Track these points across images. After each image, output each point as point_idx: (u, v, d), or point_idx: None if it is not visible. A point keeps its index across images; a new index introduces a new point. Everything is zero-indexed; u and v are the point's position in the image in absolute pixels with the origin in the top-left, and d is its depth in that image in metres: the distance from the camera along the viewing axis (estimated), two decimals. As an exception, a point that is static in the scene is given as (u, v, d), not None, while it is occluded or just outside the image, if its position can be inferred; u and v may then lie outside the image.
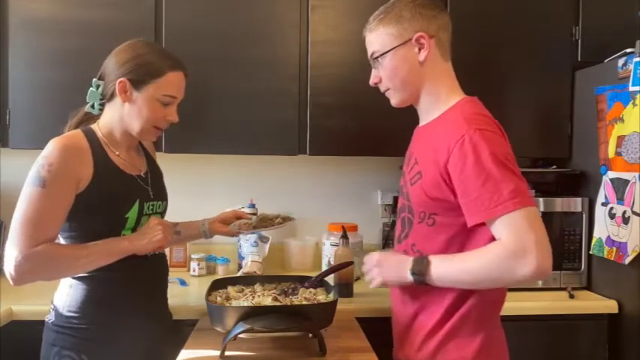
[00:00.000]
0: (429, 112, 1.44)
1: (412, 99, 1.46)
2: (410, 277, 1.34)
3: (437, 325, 1.37)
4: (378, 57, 1.42)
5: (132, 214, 1.49)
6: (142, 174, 1.58)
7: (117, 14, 2.16)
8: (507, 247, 1.23)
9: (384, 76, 1.43)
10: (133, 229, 1.50)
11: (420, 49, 1.38)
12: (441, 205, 1.34)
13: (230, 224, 1.85)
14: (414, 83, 1.41)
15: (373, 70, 1.47)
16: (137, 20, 2.16)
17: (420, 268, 1.32)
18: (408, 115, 1.70)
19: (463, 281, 1.31)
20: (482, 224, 1.28)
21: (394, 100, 1.47)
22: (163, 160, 2.34)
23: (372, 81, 1.47)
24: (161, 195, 1.65)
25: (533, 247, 1.21)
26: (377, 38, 1.42)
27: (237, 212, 1.91)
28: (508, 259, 1.23)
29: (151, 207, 1.56)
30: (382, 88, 1.47)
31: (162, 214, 1.66)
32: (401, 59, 1.40)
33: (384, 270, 1.41)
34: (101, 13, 2.15)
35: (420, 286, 1.34)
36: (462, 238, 1.34)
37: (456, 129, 1.29)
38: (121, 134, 1.53)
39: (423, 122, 1.48)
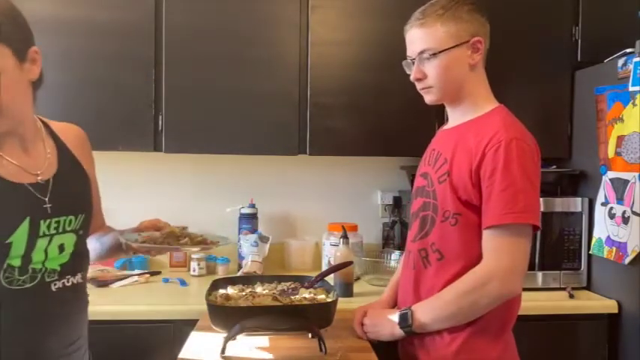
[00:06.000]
0: (464, 114, 1.46)
1: (449, 99, 1.47)
2: (401, 332, 1.41)
3: (457, 330, 1.38)
4: (432, 54, 1.39)
5: (17, 237, 1.11)
6: (39, 180, 1.18)
7: (117, 14, 2.16)
8: (478, 274, 1.32)
9: (432, 75, 1.41)
10: (24, 257, 1.13)
11: (473, 53, 1.41)
12: (465, 206, 1.36)
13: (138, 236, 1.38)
14: (458, 84, 1.43)
15: (416, 65, 1.42)
16: (137, 20, 2.16)
17: (406, 321, 1.39)
18: (408, 116, 1.71)
19: (444, 317, 1.37)
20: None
21: (432, 97, 1.45)
22: (163, 160, 2.36)
23: (414, 76, 1.43)
24: (71, 207, 1.22)
25: (502, 274, 1.31)
26: (432, 34, 1.39)
27: (157, 222, 1.44)
28: (477, 287, 1.32)
29: (54, 225, 1.17)
30: (422, 85, 1.44)
31: (78, 232, 1.24)
32: (454, 60, 1.40)
33: (377, 330, 1.48)
34: (101, 13, 2.15)
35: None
36: (480, 241, 1.35)
37: (494, 135, 1.33)
38: None
39: (454, 123, 1.49)
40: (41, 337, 1.16)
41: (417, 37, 1.42)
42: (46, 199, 1.17)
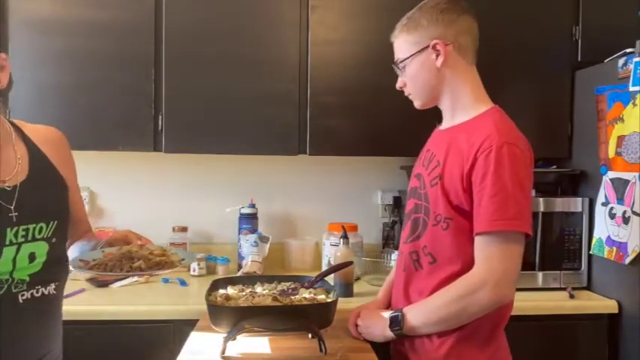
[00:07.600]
0: (454, 115, 1.46)
1: (433, 102, 1.50)
2: (391, 334, 1.41)
3: (446, 334, 1.37)
4: (400, 63, 1.47)
5: None
6: (5, 186, 1.16)
7: (117, 14, 2.16)
8: (470, 280, 1.31)
9: (407, 82, 1.48)
10: None
11: (437, 55, 1.41)
12: (456, 211, 1.35)
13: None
14: (433, 87, 1.45)
15: (399, 75, 1.51)
16: (137, 20, 2.16)
17: (397, 323, 1.39)
18: (408, 116, 1.70)
19: (434, 321, 1.36)
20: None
21: (416, 102, 1.52)
22: (163, 160, 2.36)
23: (398, 85, 1.52)
24: (42, 214, 1.19)
25: (494, 281, 1.29)
26: (400, 45, 1.47)
27: (127, 234, 1.37)
28: (468, 293, 1.31)
29: (22, 233, 1.14)
30: (405, 93, 1.52)
31: (51, 239, 1.20)
32: (419, 65, 1.44)
33: (370, 330, 1.49)
34: (101, 13, 2.15)
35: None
36: (473, 245, 1.34)
37: (486, 139, 1.31)
38: None
39: (447, 124, 1.49)
40: (3, 350, 1.12)
41: (394, 49, 1.50)
42: (12, 206, 1.14)
